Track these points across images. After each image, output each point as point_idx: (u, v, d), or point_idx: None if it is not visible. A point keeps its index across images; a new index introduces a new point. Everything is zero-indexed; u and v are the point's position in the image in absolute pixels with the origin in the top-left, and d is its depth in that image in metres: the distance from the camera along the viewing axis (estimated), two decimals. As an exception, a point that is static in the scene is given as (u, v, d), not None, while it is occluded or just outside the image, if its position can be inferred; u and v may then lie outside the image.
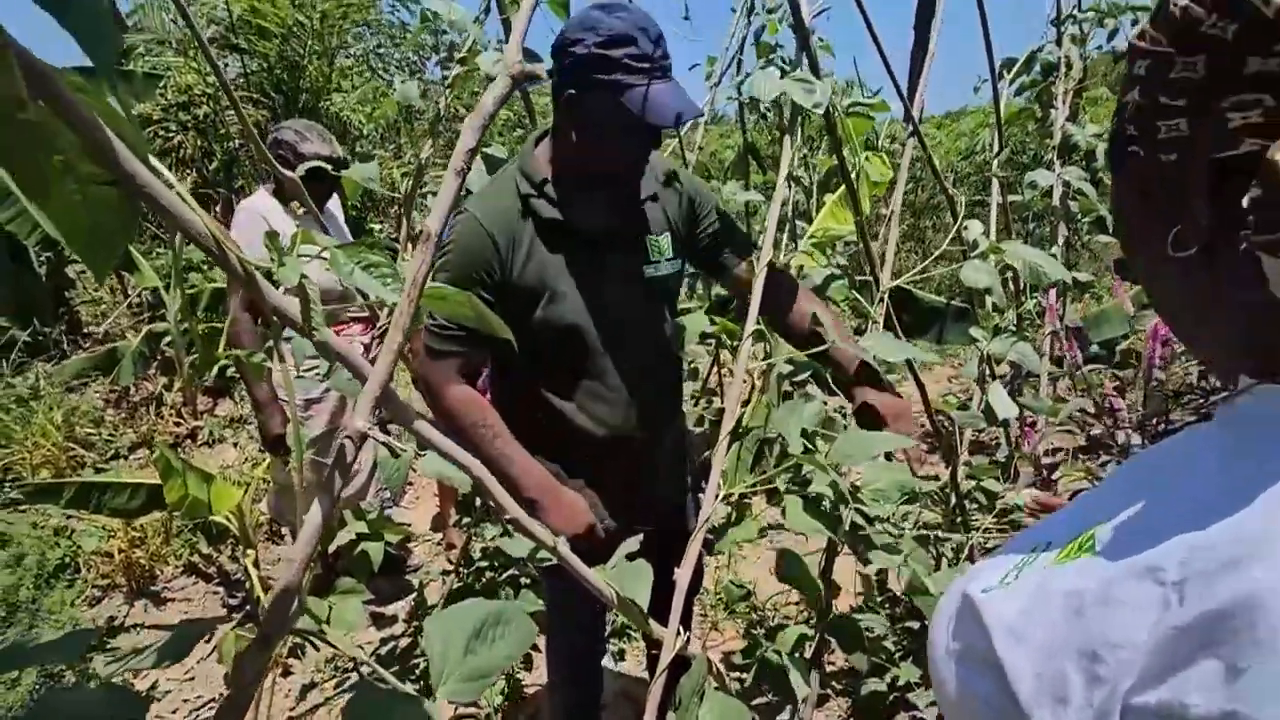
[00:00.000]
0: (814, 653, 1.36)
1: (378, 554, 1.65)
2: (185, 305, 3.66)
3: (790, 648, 1.14)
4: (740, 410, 1.32)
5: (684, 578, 0.98)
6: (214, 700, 2.02)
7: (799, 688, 1.11)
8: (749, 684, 1.35)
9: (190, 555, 2.54)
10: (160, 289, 3.63)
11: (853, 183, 1.34)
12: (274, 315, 0.53)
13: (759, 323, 1.05)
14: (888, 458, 1.20)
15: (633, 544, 1.00)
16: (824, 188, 2.10)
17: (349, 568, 1.65)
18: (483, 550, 2.30)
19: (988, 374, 1.77)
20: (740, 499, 1.56)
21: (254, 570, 2.02)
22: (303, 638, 0.62)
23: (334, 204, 2.29)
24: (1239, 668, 0.25)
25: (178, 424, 3.70)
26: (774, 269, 1.22)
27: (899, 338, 2.08)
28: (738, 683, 1.51)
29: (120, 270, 4.19)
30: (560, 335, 1.18)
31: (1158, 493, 0.35)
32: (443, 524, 2.78)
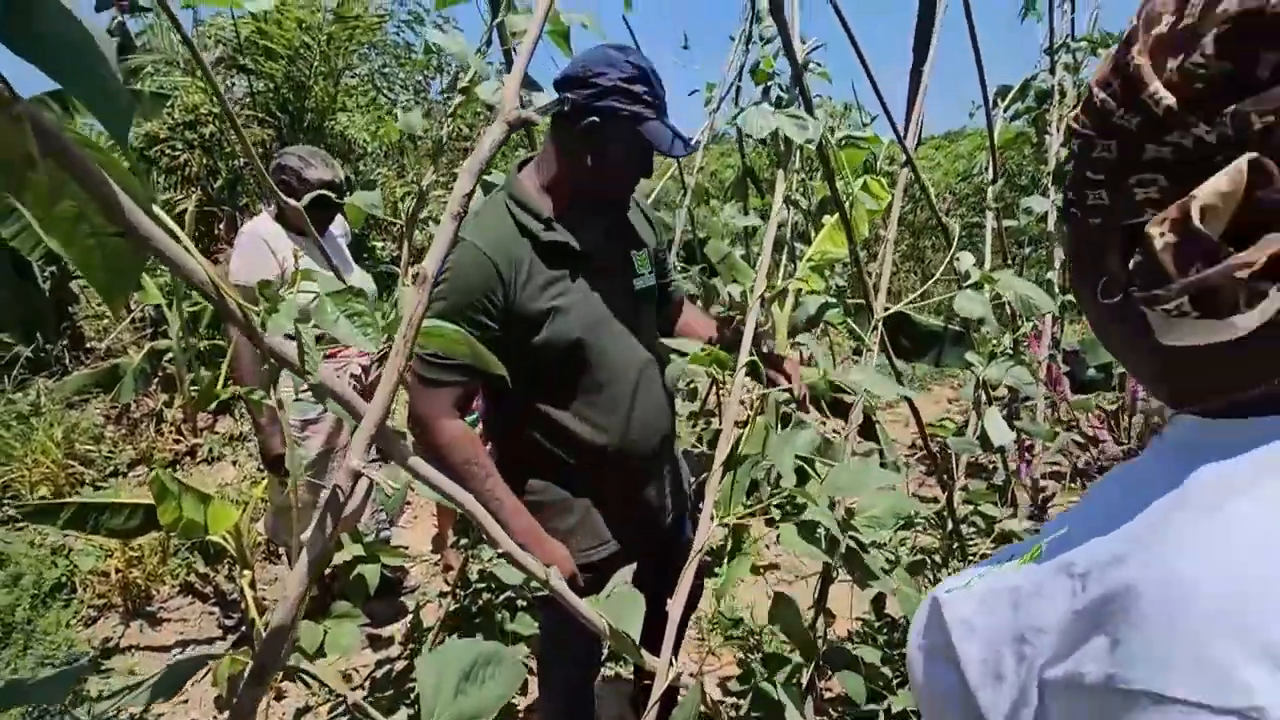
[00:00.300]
0: (809, 681, 1.36)
1: (374, 577, 1.64)
2: (187, 323, 3.69)
3: (786, 678, 1.14)
4: (738, 432, 1.33)
5: (676, 609, 0.98)
6: (207, 723, 2.00)
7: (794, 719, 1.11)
8: (745, 712, 1.34)
9: (187, 575, 2.53)
10: (163, 306, 3.65)
11: (846, 212, 1.36)
12: (270, 357, 0.55)
13: (752, 353, 1.06)
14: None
15: (626, 574, 1.00)
16: (820, 213, 2.12)
17: (345, 591, 1.65)
18: (480, 573, 2.29)
19: (984, 399, 1.78)
20: (737, 523, 1.56)
21: (250, 591, 2.01)
22: (292, 673, 0.62)
23: (337, 226, 2.31)
24: (1118, 640, 0.31)
25: (178, 441, 3.70)
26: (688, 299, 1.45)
27: (895, 363, 2.10)
28: (734, 710, 1.50)
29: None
30: (564, 351, 1.21)
31: (1092, 505, 0.43)
32: (441, 544, 2.78)
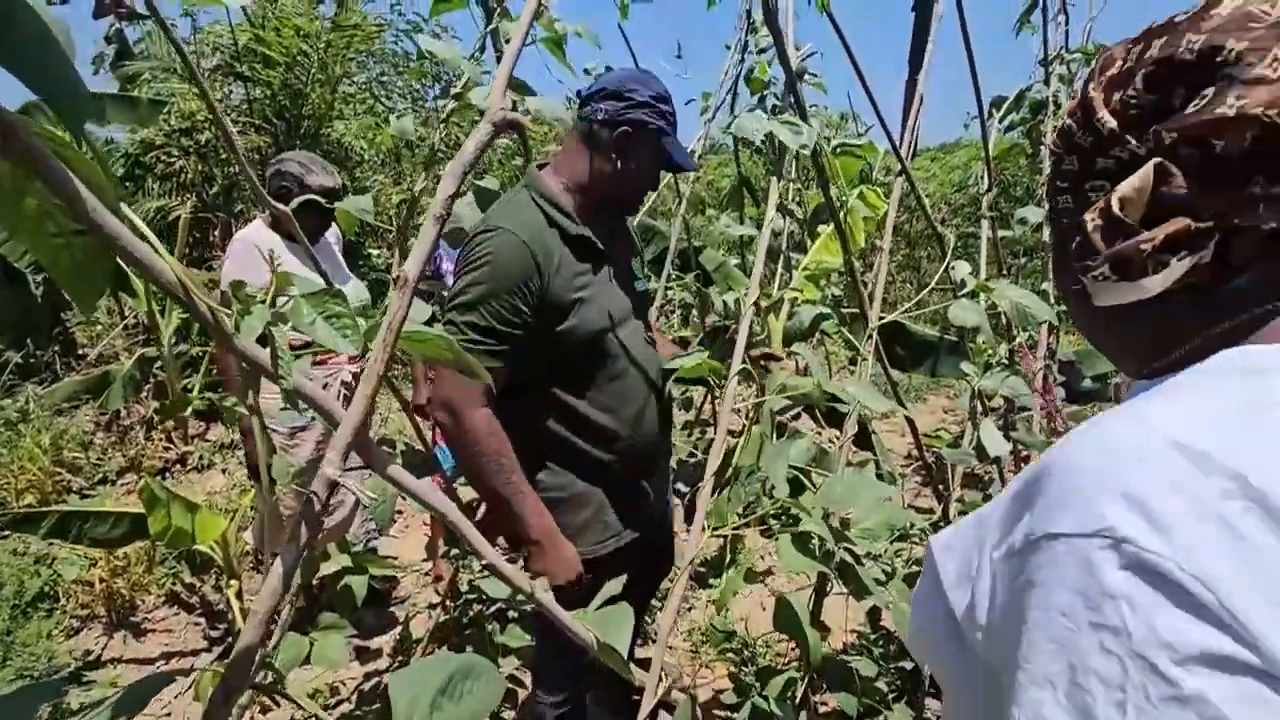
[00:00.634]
0: (803, 696, 1.33)
1: (361, 588, 1.61)
2: (180, 329, 3.66)
3: (779, 693, 1.12)
4: (732, 442, 1.31)
5: (666, 623, 0.96)
6: (190, 737, 1.96)
7: (787, 735, 1.08)
8: (737, 728, 1.32)
9: (173, 585, 2.49)
10: (154, 312, 3.63)
11: (840, 221, 1.35)
12: (244, 362, 0.53)
13: (744, 361, 1.04)
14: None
15: (615, 586, 0.98)
16: (813, 225, 2.11)
17: (332, 602, 1.62)
18: (471, 583, 2.26)
19: (980, 409, 1.76)
20: (732, 534, 1.54)
21: (237, 602, 1.98)
22: (265, 693, 0.60)
23: (331, 234, 2.29)
24: (1033, 509, 0.38)
25: (167, 448, 3.66)
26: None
27: (890, 373, 2.08)
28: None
29: (116, 293, 4.19)
30: (588, 341, 1.26)
31: None
32: (433, 554, 2.74)
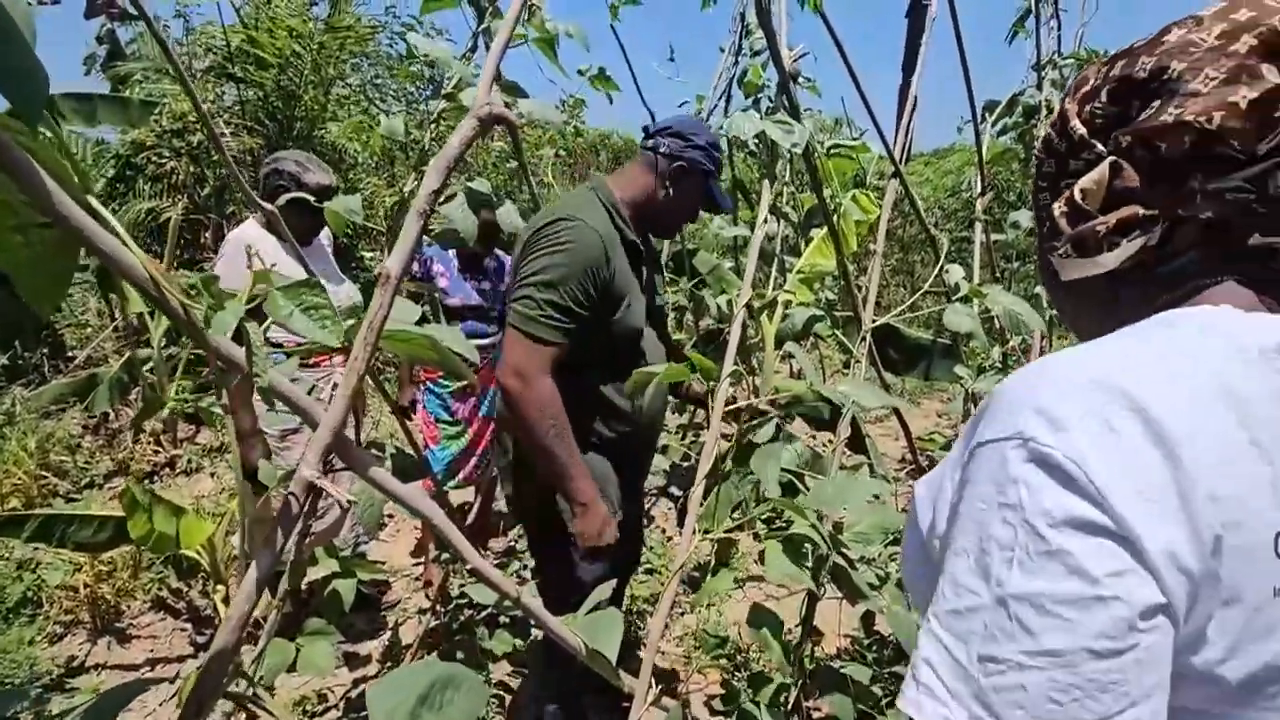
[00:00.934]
0: (795, 701, 1.32)
1: (349, 593, 1.59)
2: (170, 331, 3.62)
3: (771, 698, 1.10)
4: (724, 445, 1.30)
5: (657, 627, 0.95)
6: (175, 745, 1.93)
7: (778, 741, 1.07)
8: (729, 734, 1.30)
9: (159, 590, 2.45)
10: (145, 314, 3.59)
11: (834, 223, 1.34)
12: (217, 360, 0.51)
13: (736, 363, 1.03)
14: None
15: (605, 590, 0.97)
16: (806, 228, 2.11)
17: (320, 607, 1.60)
18: (461, 588, 2.24)
19: (973, 412, 1.76)
20: (722, 537, 1.53)
21: (224, 608, 1.95)
22: (238, 704, 0.58)
23: (324, 235, 2.26)
24: (977, 426, 0.46)
25: (156, 452, 3.62)
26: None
27: (883, 375, 2.08)
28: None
29: (106, 294, 4.15)
30: (628, 337, 1.41)
31: None
32: (424, 556, 2.72)
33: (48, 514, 1.98)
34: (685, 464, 2.91)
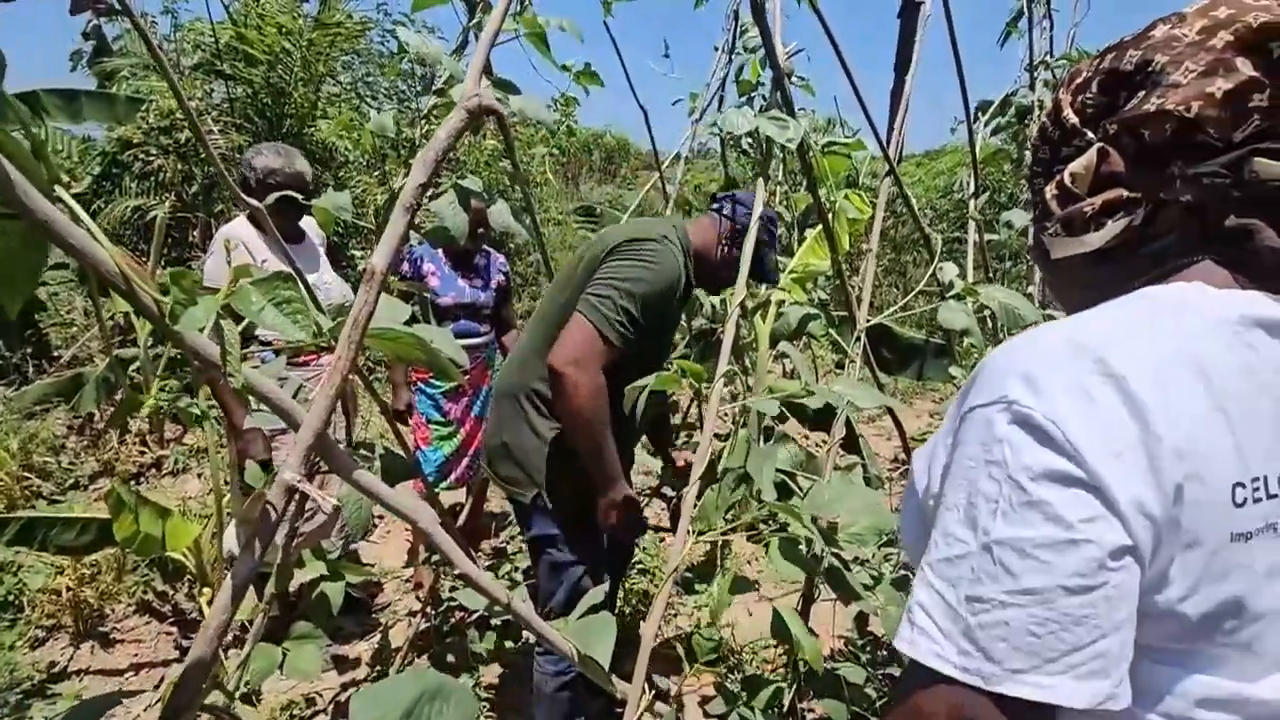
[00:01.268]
0: (790, 704, 1.31)
1: (338, 595, 1.57)
2: (156, 330, 3.57)
3: (765, 704, 1.09)
4: (718, 445, 1.28)
5: (650, 631, 0.93)
6: (160, 751, 1.89)
7: (773, 746, 1.06)
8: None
9: (144, 593, 2.41)
10: (131, 313, 3.54)
11: (829, 221, 1.33)
12: (193, 357, 0.49)
13: (731, 363, 1.02)
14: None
15: (598, 594, 0.95)
16: (804, 222, 2.10)
17: (308, 610, 1.57)
18: (452, 590, 2.21)
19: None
20: (720, 540, 1.52)
21: (210, 611, 1.92)
22: (216, 716, 0.56)
23: (316, 234, 2.22)
24: (969, 393, 0.49)
25: (142, 452, 3.57)
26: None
27: (878, 374, 2.07)
28: (712, 734, 1.44)
29: (93, 293, 4.09)
30: (663, 351, 1.64)
31: None
32: (415, 558, 2.69)
33: (29, 516, 1.95)
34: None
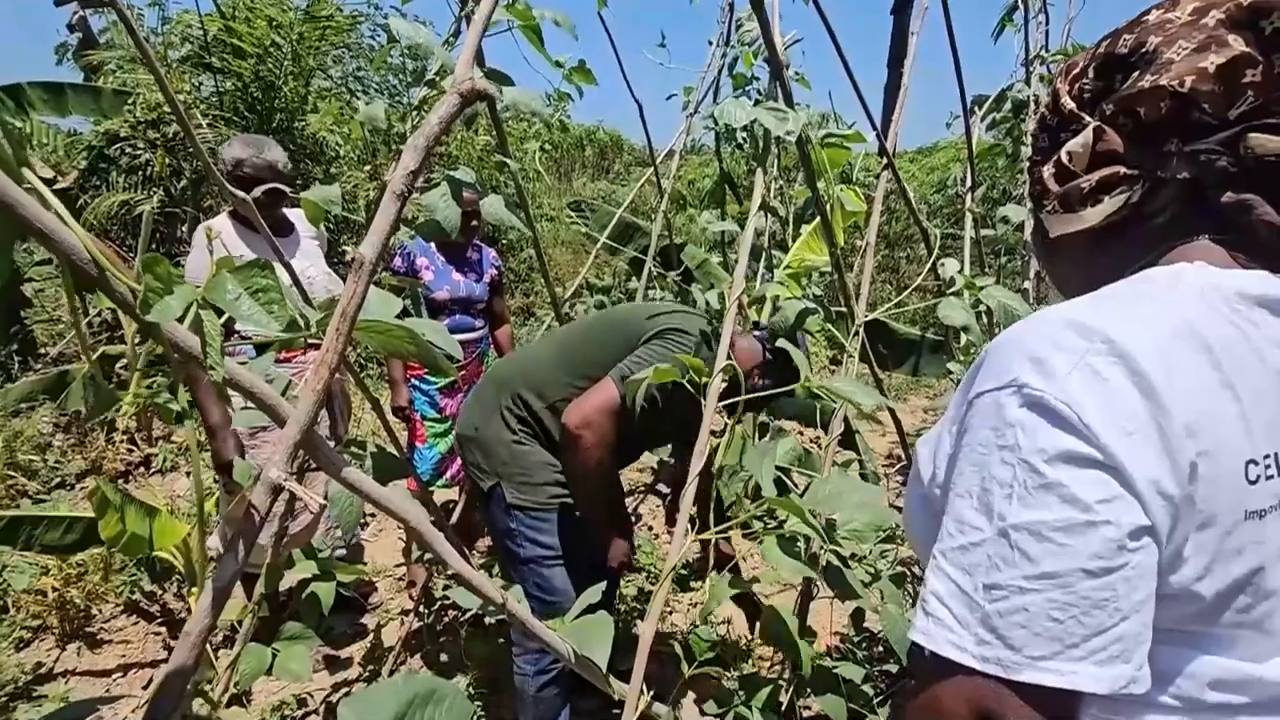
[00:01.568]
0: (788, 702, 1.29)
1: (328, 595, 1.54)
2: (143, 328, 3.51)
3: (763, 703, 1.08)
4: (714, 442, 1.27)
5: (648, 630, 0.91)
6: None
7: (772, 745, 1.04)
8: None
9: (131, 593, 2.38)
10: (118, 310, 3.48)
11: (827, 214, 1.31)
12: (173, 350, 0.47)
13: (730, 357, 1.00)
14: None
15: (594, 594, 0.93)
16: (799, 219, 2.08)
17: (299, 610, 1.54)
18: (446, 588, 2.19)
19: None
20: (716, 537, 1.50)
21: (199, 610, 1.89)
22: (198, 723, 0.54)
23: (307, 229, 2.16)
24: (975, 378, 0.49)
25: (130, 451, 3.53)
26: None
27: (875, 369, 2.06)
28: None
29: (80, 289, 4.02)
30: (669, 436, 1.83)
31: None
32: (407, 558, 2.66)
33: (13, 515, 1.91)
34: (673, 461, 2.88)
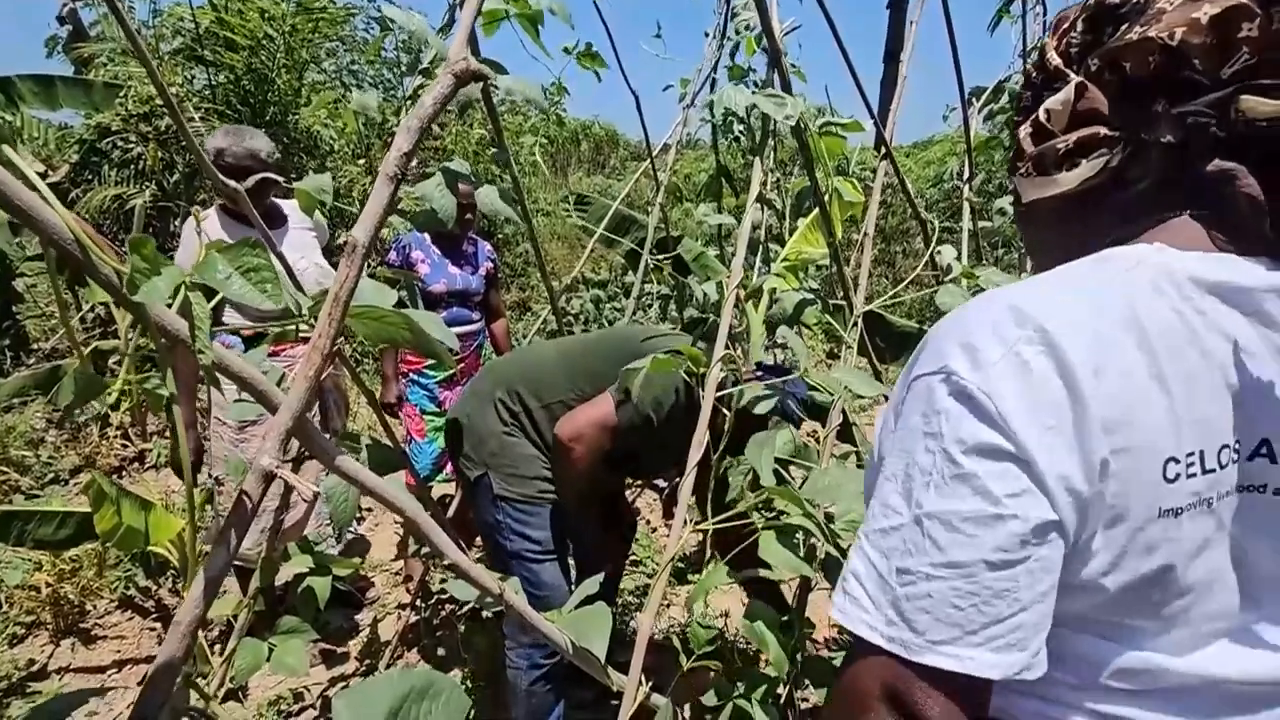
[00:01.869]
0: (787, 694, 1.29)
1: (324, 590, 1.53)
2: (136, 321, 3.49)
3: (761, 695, 1.07)
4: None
5: (646, 621, 0.91)
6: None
7: (771, 737, 1.04)
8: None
9: (125, 589, 2.37)
10: (110, 304, 3.46)
11: (825, 204, 1.30)
12: (160, 333, 0.46)
13: (728, 346, 0.99)
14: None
15: (592, 585, 0.92)
16: (796, 211, 2.07)
17: (295, 604, 1.53)
18: (441, 582, 2.18)
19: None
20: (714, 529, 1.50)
21: (194, 605, 1.88)
22: (190, 717, 0.53)
23: (301, 220, 2.13)
24: (916, 361, 0.49)
25: (124, 446, 3.51)
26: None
27: (873, 360, 2.05)
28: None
29: (72, 285, 3.99)
30: (662, 460, 1.76)
31: None
32: (404, 550, 2.65)
33: (5, 510, 1.89)
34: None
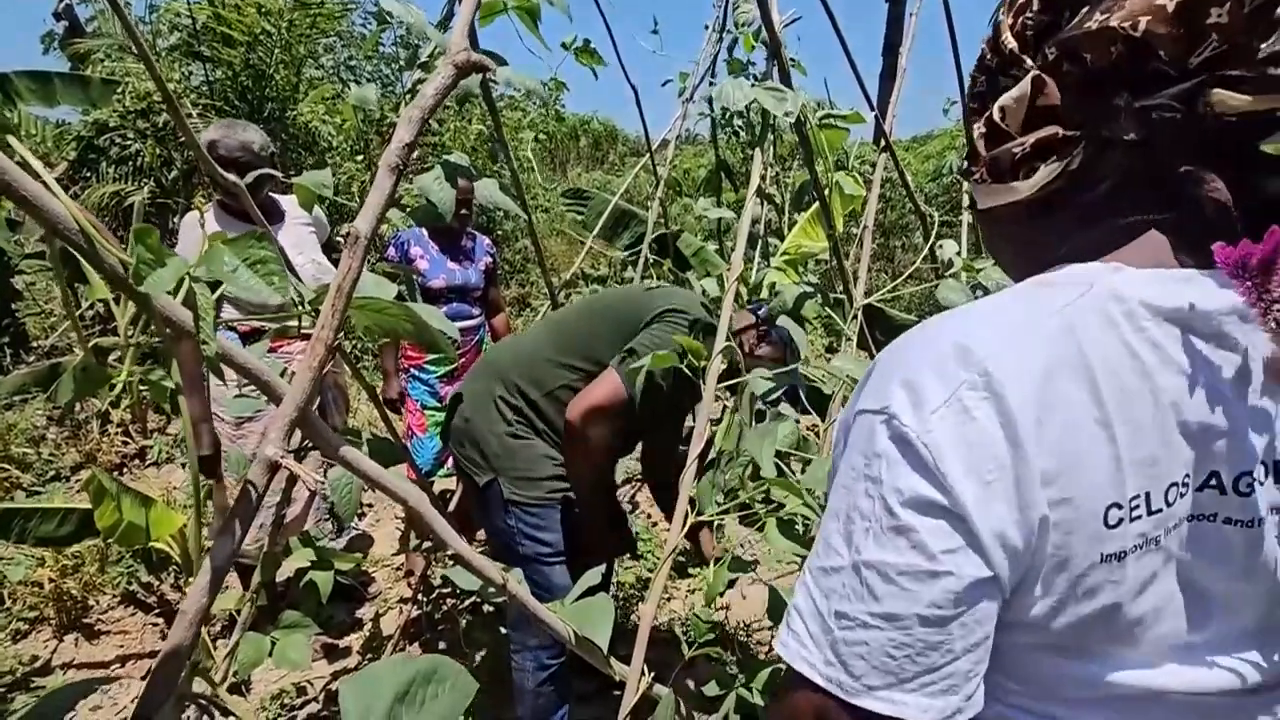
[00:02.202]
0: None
1: (326, 584, 1.54)
2: (137, 318, 3.49)
3: (764, 685, 1.08)
4: (714, 428, 1.27)
5: (648, 612, 0.91)
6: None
7: (772, 727, 1.04)
8: (721, 720, 1.28)
9: (128, 584, 2.37)
10: (110, 301, 3.45)
11: (825, 197, 1.30)
12: (165, 324, 0.46)
13: (729, 338, 0.99)
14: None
15: (594, 576, 0.93)
16: (796, 204, 2.07)
17: (297, 598, 1.54)
18: (444, 577, 2.19)
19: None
20: (715, 522, 1.50)
21: (196, 601, 1.88)
22: (198, 704, 0.53)
23: (299, 215, 2.12)
24: (862, 390, 0.48)
25: (125, 442, 3.51)
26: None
27: (872, 354, 2.06)
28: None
29: (72, 282, 3.99)
30: (673, 421, 1.75)
31: None
32: (406, 545, 2.66)
33: (7, 508, 1.89)
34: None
